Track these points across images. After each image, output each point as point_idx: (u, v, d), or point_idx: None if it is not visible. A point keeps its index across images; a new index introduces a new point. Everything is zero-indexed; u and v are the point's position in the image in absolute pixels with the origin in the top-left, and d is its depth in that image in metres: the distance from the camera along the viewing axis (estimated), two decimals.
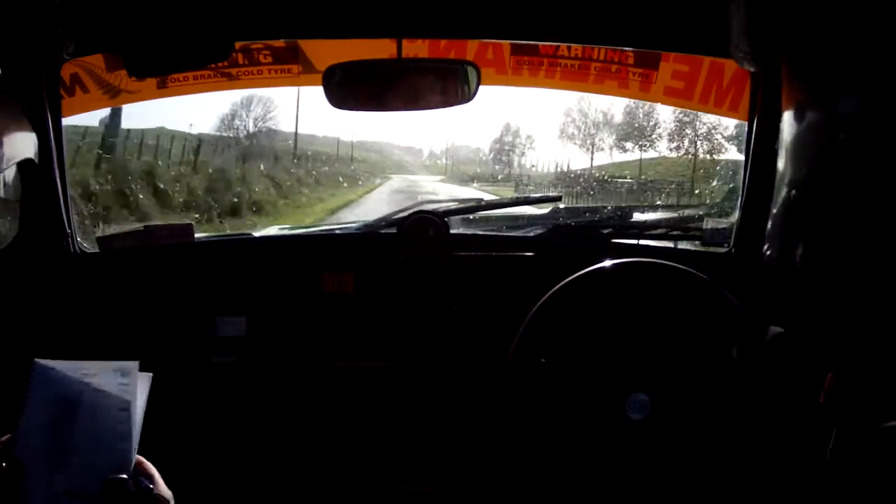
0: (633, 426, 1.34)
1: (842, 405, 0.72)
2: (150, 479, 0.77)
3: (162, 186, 9.62)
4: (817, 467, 0.79)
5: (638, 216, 1.82)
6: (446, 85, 1.48)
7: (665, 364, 1.36)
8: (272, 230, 1.97)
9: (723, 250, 1.62)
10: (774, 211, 0.80)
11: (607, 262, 1.39)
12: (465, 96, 1.48)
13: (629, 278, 1.41)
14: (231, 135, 15.51)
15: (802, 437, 1.00)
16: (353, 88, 1.47)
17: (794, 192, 0.74)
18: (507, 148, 20.86)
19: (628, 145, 16.62)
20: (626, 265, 1.39)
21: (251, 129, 15.99)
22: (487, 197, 4.60)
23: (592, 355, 1.42)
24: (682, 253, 1.67)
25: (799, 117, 0.74)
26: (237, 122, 15.73)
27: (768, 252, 0.81)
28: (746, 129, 1.58)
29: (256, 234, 1.82)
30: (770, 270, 0.83)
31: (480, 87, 1.50)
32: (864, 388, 0.70)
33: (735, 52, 1.41)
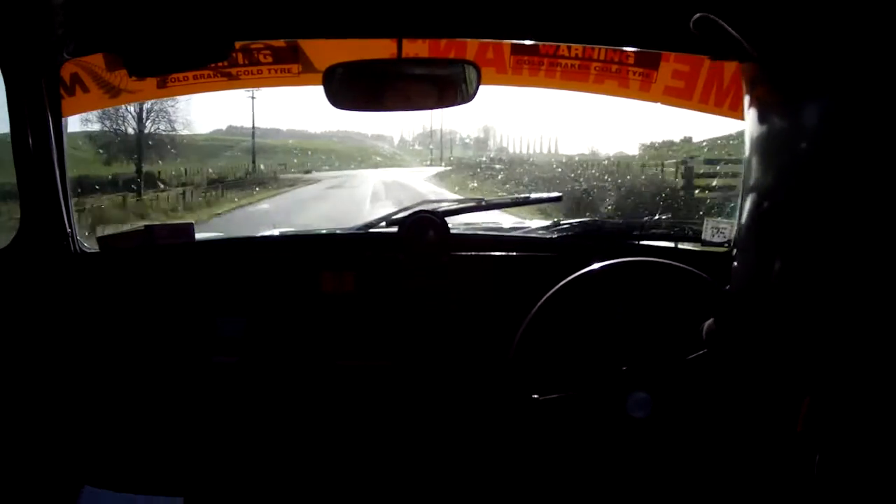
0: (635, 424, 1.34)
1: (822, 432, 0.70)
2: None
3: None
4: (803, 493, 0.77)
5: (639, 216, 1.81)
6: (446, 84, 1.48)
7: (663, 360, 1.36)
8: (273, 230, 1.96)
9: (722, 250, 1.62)
10: (746, 225, 0.76)
11: (596, 265, 1.39)
12: (465, 96, 1.48)
13: (622, 278, 1.41)
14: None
15: (784, 464, 0.98)
16: (353, 88, 1.46)
17: (765, 203, 0.71)
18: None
19: None
20: (616, 265, 1.39)
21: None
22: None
23: (591, 355, 1.42)
24: (683, 252, 1.67)
25: (765, 122, 0.71)
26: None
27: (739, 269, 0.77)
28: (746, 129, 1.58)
29: (257, 234, 1.82)
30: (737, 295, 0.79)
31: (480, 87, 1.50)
32: (844, 412, 0.68)
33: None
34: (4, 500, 1.40)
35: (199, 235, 1.72)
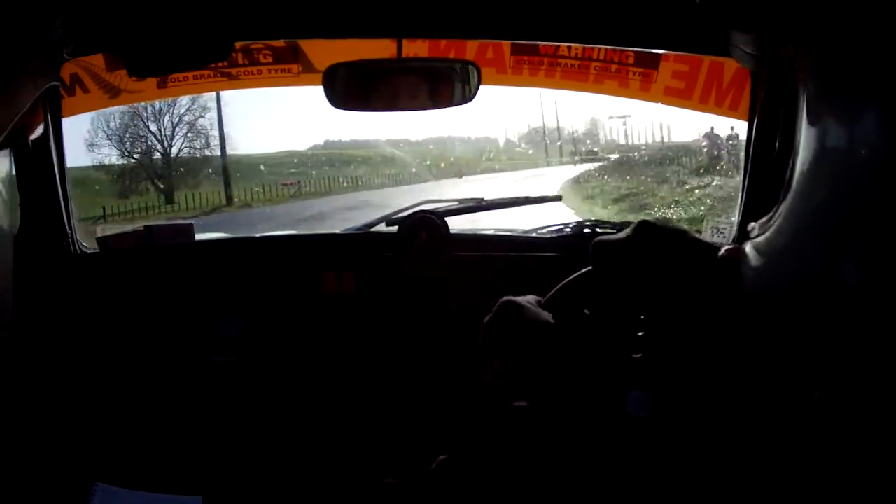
0: (634, 423, 1.34)
1: (833, 426, 0.69)
2: None
3: None
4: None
5: (639, 216, 1.82)
6: (447, 85, 1.48)
7: (663, 358, 1.36)
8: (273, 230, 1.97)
9: None
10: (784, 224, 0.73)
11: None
12: (465, 96, 1.48)
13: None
14: None
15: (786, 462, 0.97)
16: (352, 88, 1.47)
17: (822, 208, 0.68)
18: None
19: None
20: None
21: None
22: None
23: (590, 354, 1.41)
24: None
25: (823, 125, 0.67)
26: None
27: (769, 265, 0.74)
28: (746, 129, 1.58)
29: (257, 234, 1.82)
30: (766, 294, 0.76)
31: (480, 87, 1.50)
32: (858, 407, 0.66)
33: (736, 51, 1.41)
34: (8, 501, 1.40)
35: (198, 235, 1.72)
